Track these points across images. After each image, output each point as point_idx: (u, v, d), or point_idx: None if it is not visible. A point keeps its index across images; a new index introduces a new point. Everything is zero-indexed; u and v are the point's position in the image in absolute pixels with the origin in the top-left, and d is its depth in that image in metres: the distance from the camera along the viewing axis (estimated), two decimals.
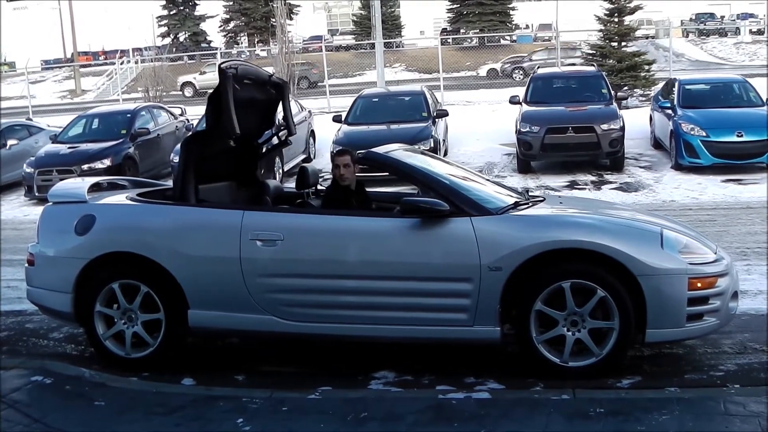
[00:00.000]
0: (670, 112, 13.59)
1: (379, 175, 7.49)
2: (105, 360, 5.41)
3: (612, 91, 14.46)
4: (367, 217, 5.22)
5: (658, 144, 14.84)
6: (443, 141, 14.53)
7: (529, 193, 5.89)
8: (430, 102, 14.85)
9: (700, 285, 4.73)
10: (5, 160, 15.06)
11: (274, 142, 6.87)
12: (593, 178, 12.83)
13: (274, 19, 29.52)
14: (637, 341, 4.87)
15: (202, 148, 5.73)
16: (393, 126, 13.58)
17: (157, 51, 37.55)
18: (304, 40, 45.96)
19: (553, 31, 40.60)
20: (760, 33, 45.48)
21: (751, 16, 57.67)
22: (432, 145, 12.99)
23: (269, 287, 5.08)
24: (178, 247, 5.19)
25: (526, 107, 13.91)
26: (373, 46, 26.27)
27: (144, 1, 61.03)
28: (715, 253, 5.04)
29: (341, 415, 4.36)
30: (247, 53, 48.63)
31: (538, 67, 18.19)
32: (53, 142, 14.78)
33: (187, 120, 16.94)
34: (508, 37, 46.25)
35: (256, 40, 51.23)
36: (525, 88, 14.85)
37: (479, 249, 4.76)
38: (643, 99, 20.62)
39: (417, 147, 8.30)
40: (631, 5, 22.36)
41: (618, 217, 5.25)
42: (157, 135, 15.19)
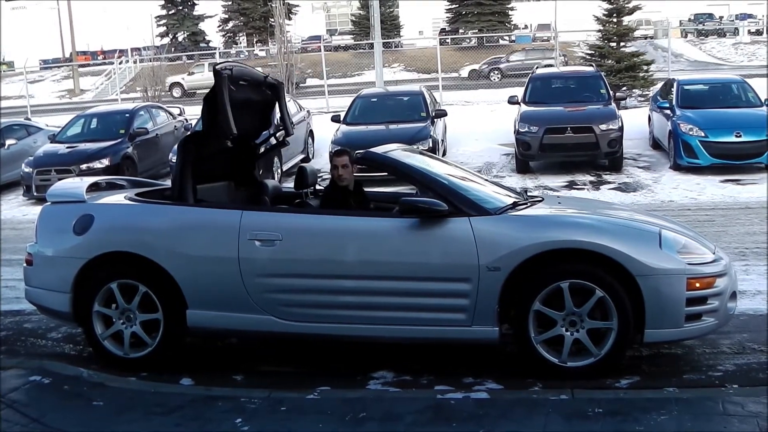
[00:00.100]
0: (668, 112, 13.59)
1: (377, 175, 7.51)
2: (103, 360, 5.40)
3: (611, 92, 14.45)
4: (366, 217, 5.22)
5: (656, 144, 14.85)
6: (442, 141, 14.53)
7: (528, 194, 5.89)
8: (429, 102, 14.85)
9: (698, 285, 4.73)
10: (4, 159, 15.05)
11: (272, 143, 6.88)
12: (592, 179, 12.83)
13: (272, 19, 29.54)
14: (635, 341, 4.87)
15: (199, 149, 5.73)
16: (392, 126, 13.58)
17: (155, 51, 37.50)
18: (302, 40, 45.95)
19: (551, 31, 40.55)
20: (758, 33, 45.50)
21: (750, 16, 57.68)
22: (430, 145, 12.98)
23: (268, 287, 5.07)
24: (176, 247, 5.19)
25: (524, 107, 13.91)
26: (371, 46, 26.24)
27: (143, 1, 61.05)
28: (714, 253, 5.04)
29: (340, 415, 4.36)
30: (246, 53, 48.59)
31: (537, 67, 18.12)
32: (52, 142, 14.76)
33: (186, 120, 16.92)
34: (507, 38, 46.22)
35: (255, 40, 51.22)
36: (524, 89, 14.85)
37: (478, 249, 4.76)
38: (642, 99, 20.62)
39: (416, 147, 8.28)
40: (630, 5, 22.37)
41: (616, 218, 5.25)
42: (156, 135, 15.18)
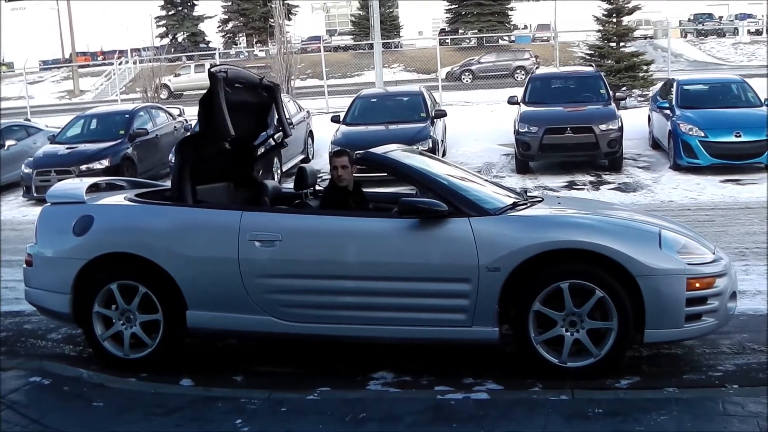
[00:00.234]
0: (668, 112, 13.59)
1: (377, 176, 7.48)
2: (103, 361, 5.40)
3: (610, 92, 14.45)
4: (366, 218, 5.22)
5: (656, 144, 14.84)
6: (441, 141, 14.53)
7: (528, 194, 5.89)
8: (429, 102, 14.84)
9: (698, 285, 4.73)
10: (4, 160, 15.04)
11: (270, 144, 6.88)
12: (592, 179, 12.83)
13: (272, 20, 29.55)
14: (635, 341, 4.87)
15: (197, 151, 5.73)
16: (391, 126, 13.57)
17: (155, 51, 37.43)
18: (302, 41, 45.96)
19: (551, 31, 40.56)
20: (758, 33, 45.50)
21: (750, 16, 57.67)
22: (430, 145, 12.97)
23: (268, 288, 5.07)
24: (176, 247, 5.19)
25: (524, 107, 13.91)
26: (371, 47, 26.22)
27: (142, 2, 61.05)
28: (714, 253, 5.04)
29: (340, 415, 4.35)
30: (246, 54, 48.60)
31: (538, 67, 18.12)
32: (51, 143, 14.77)
33: (186, 120, 16.91)
34: (507, 38, 46.23)
35: (255, 40, 51.23)
36: (523, 89, 14.85)
37: (478, 249, 4.76)
38: (642, 99, 20.62)
39: (415, 147, 8.29)
40: (630, 5, 22.37)
41: (616, 218, 5.25)
42: (156, 135, 15.18)
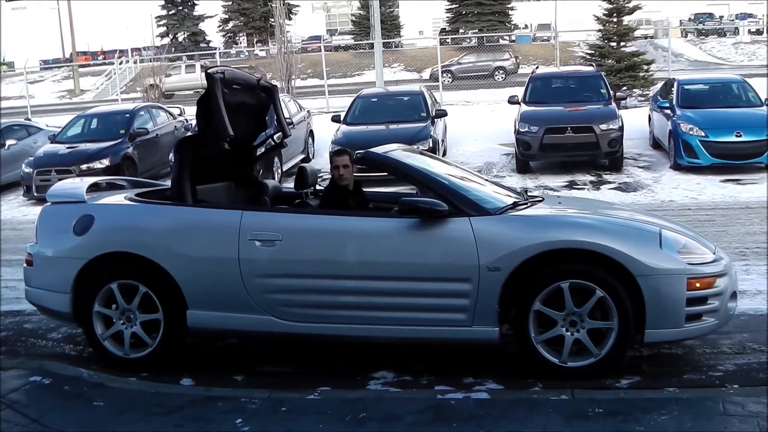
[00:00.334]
0: (668, 112, 13.59)
1: (377, 175, 7.50)
2: (104, 360, 5.40)
3: (611, 91, 14.45)
4: (366, 218, 5.22)
5: (656, 144, 14.85)
6: (442, 141, 14.53)
7: (528, 194, 5.89)
8: (429, 102, 14.84)
9: (698, 285, 4.73)
10: (4, 160, 15.05)
11: (270, 144, 6.88)
12: (592, 178, 12.83)
13: (272, 19, 29.50)
14: (636, 341, 4.87)
15: (196, 151, 5.73)
16: (392, 126, 13.57)
17: (155, 51, 37.42)
18: (302, 40, 45.92)
19: (552, 31, 40.58)
20: (758, 33, 45.50)
21: (750, 16, 57.67)
22: (431, 145, 12.98)
23: (268, 287, 5.07)
24: (176, 247, 5.19)
25: (524, 107, 13.91)
26: (371, 46, 26.24)
27: (143, 1, 61.02)
28: (714, 253, 5.04)
29: (340, 415, 4.36)
30: (246, 53, 48.58)
31: (539, 68, 18.11)
32: (52, 142, 14.77)
33: (186, 120, 16.91)
34: (507, 37, 46.24)
35: (255, 40, 51.18)
36: (524, 89, 14.85)
37: (478, 249, 4.76)
38: (642, 99, 20.62)
39: (416, 147, 8.28)
40: (630, 5, 22.37)
41: (617, 218, 5.25)
42: (156, 135, 15.19)
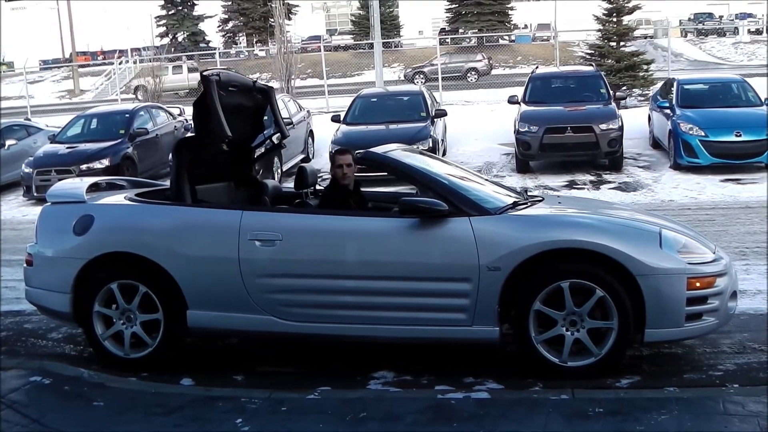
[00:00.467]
0: (668, 111, 13.59)
1: (377, 175, 7.49)
2: (104, 360, 5.40)
3: (611, 91, 14.45)
4: (366, 217, 5.22)
5: (656, 144, 14.85)
6: (442, 141, 14.53)
7: (528, 193, 5.89)
8: (429, 102, 14.84)
9: (698, 285, 4.73)
10: (4, 160, 15.05)
11: (268, 145, 6.88)
12: (592, 178, 12.83)
13: (272, 19, 29.55)
14: (636, 341, 4.87)
15: (194, 152, 5.73)
16: (391, 126, 13.58)
17: (155, 51, 37.39)
18: (302, 40, 45.92)
19: (551, 30, 40.56)
20: (758, 33, 45.50)
21: (750, 15, 57.68)
22: (430, 144, 12.98)
23: (268, 287, 5.07)
24: (176, 247, 5.19)
25: (524, 107, 13.91)
26: (371, 46, 26.25)
27: (142, 1, 61.02)
28: (714, 252, 5.04)
29: (340, 415, 4.35)
30: (246, 53, 48.57)
31: (539, 68, 18.12)
32: (52, 142, 14.76)
33: (186, 120, 16.91)
34: (507, 37, 46.24)
35: (255, 40, 51.19)
36: (523, 88, 14.85)
37: (478, 249, 4.76)
38: (642, 99, 20.64)
39: (415, 147, 8.28)
40: (630, 5, 22.38)
41: (617, 217, 5.25)
42: (156, 135, 15.18)
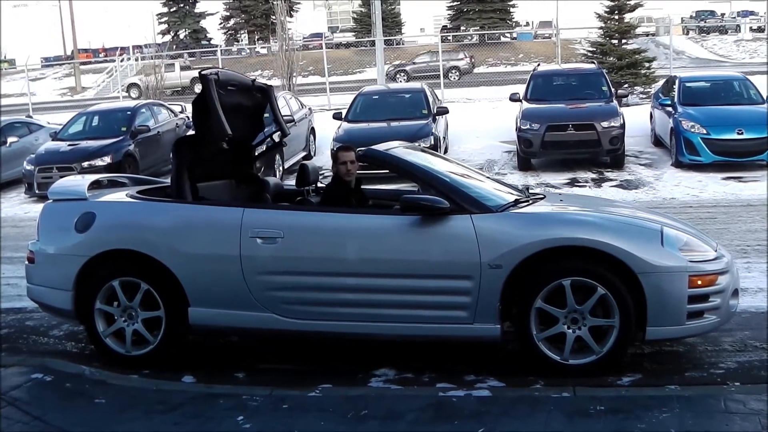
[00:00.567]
0: (670, 109, 13.57)
1: (379, 173, 7.48)
2: (105, 358, 5.41)
3: (612, 89, 14.45)
4: (368, 215, 5.22)
5: (658, 141, 14.83)
6: (443, 138, 14.52)
7: (530, 191, 5.89)
8: (431, 99, 14.84)
9: (700, 283, 4.72)
10: (5, 157, 15.05)
11: (270, 143, 6.88)
12: (593, 176, 12.82)
13: (274, 17, 29.46)
14: (637, 339, 4.87)
15: (194, 151, 5.72)
16: (393, 123, 13.58)
17: (157, 48, 37.40)
18: (304, 38, 45.91)
19: (553, 28, 40.55)
20: (760, 30, 45.43)
21: (752, 13, 57.54)
22: (432, 142, 12.97)
23: (269, 285, 5.07)
24: (178, 244, 5.19)
25: (526, 105, 13.91)
26: (373, 44, 26.28)
27: None
28: (716, 250, 5.04)
29: (341, 412, 4.35)
30: (248, 51, 48.54)
31: (541, 66, 18.11)
32: (53, 140, 14.76)
33: (188, 117, 16.90)
34: (509, 35, 46.21)
35: (257, 37, 51.10)
36: (525, 86, 14.84)
37: (479, 246, 4.76)
38: (644, 96, 20.62)
39: (417, 144, 8.29)
40: (632, 2, 22.38)
41: (618, 215, 5.25)
42: (158, 132, 15.18)
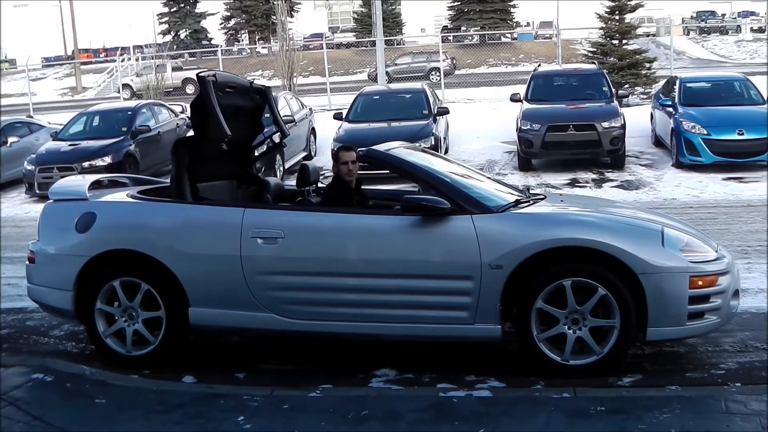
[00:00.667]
0: (671, 110, 13.57)
1: (379, 173, 7.48)
2: (106, 358, 5.41)
3: (613, 89, 14.44)
4: (368, 215, 5.22)
5: (659, 142, 14.83)
6: (444, 139, 14.52)
7: (530, 191, 5.88)
8: (431, 99, 14.83)
9: (701, 283, 4.73)
10: (6, 157, 15.06)
11: (270, 144, 6.88)
12: (594, 176, 12.82)
13: (274, 17, 29.49)
14: (638, 339, 4.87)
15: (193, 152, 5.72)
16: (394, 123, 13.59)
17: (157, 48, 37.40)
18: (304, 38, 45.92)
19: (554, 28, 40.53)
20: (761, 31, 45.38)
21: (752, 14, 57.56)
22: (433, 142, 12.97)
23: (270, 285, 5.07)
24: (178, 244, 5.19)
25: (527, 105, 13.91)
26: (373, 44, 26.26)
27: None
28: (716, 251, 5.04)
29: (342, 413, 4.35)
30: (248, 51, 48.55)
31: (541, 66, 18.11)
32: (54, 140, 14.76)
33: (188, 117, 16.90)
34: (509, 35, 46.21)
35: (257, 37, 51.09)
36: (526, 86, 14.84)
37: (480, 247, 4.76)
38: (644, 97, 20.61)
39: (418, 145, 8.29)
40: (632, 3, 22.36)
41: (619, 216, 5.25)
42: (158, 132, 15.19)
